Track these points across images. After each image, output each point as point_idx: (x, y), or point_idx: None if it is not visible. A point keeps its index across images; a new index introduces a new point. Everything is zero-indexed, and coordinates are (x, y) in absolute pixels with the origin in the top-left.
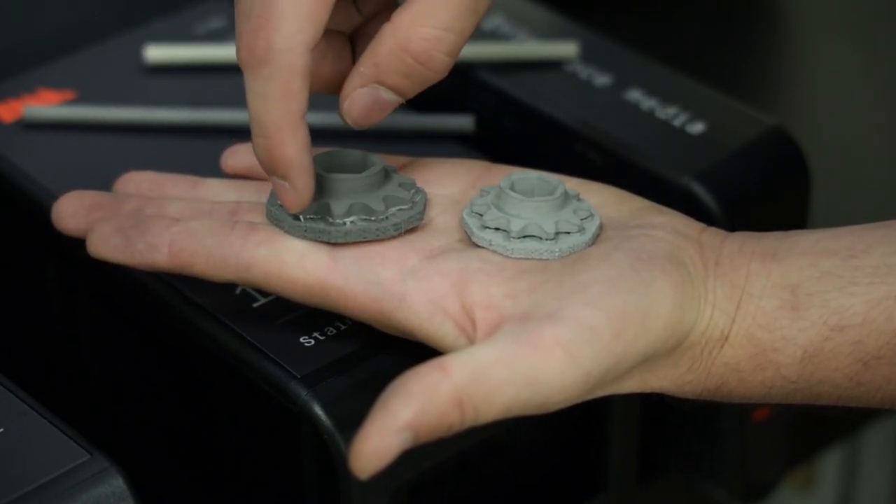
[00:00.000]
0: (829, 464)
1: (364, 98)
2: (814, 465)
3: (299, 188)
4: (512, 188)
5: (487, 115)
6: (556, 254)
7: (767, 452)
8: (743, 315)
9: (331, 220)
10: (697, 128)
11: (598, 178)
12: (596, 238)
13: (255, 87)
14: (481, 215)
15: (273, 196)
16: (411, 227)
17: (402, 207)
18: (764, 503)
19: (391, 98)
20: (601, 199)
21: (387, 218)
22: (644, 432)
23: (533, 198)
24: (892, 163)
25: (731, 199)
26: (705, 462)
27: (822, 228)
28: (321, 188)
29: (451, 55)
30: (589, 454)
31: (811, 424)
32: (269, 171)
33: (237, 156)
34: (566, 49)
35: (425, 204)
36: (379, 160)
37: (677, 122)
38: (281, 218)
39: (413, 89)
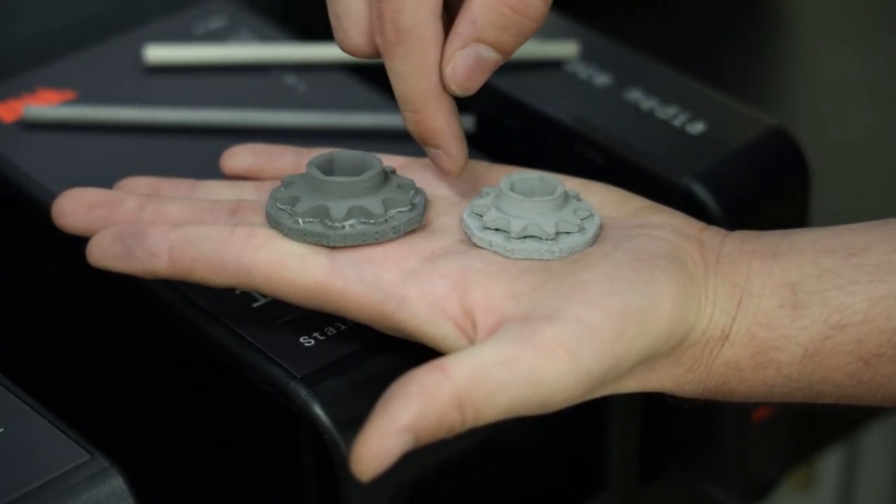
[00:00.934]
0: (829, 464)
1: (467, 59)
2: (814, 465)
3: (454, 154)
4: (512, 189)
5: (487, 115)
6: (557, 254)
7: (767, 452)
8: (744, 314)
9: (330, 223)
10: (697, 128)
11: (598, 178)
12: (596, 238)
13: (394, 67)
14: (481, 216)
15: (272, 199)
16: (411, 229)
17: (402, 210)
18: (764, 503)
19: (493, 56)
20: (602, 198)
21: (386, 221)
22: (644, 432)
23: (533, 198)
24: (892, 163)
25: (731, 199)
26: (705, 462)
27: (823, 227)
28: (320, 191)
29: (547, 2)
30: (589, 454)
31: (811, 424)
32: (422, 142)
33: (235, 157)
34: (566, 49)
35: (425, 206)
36: (378, 161)
37: (677, 122)
38: (280, 221)
39: (514, 43)
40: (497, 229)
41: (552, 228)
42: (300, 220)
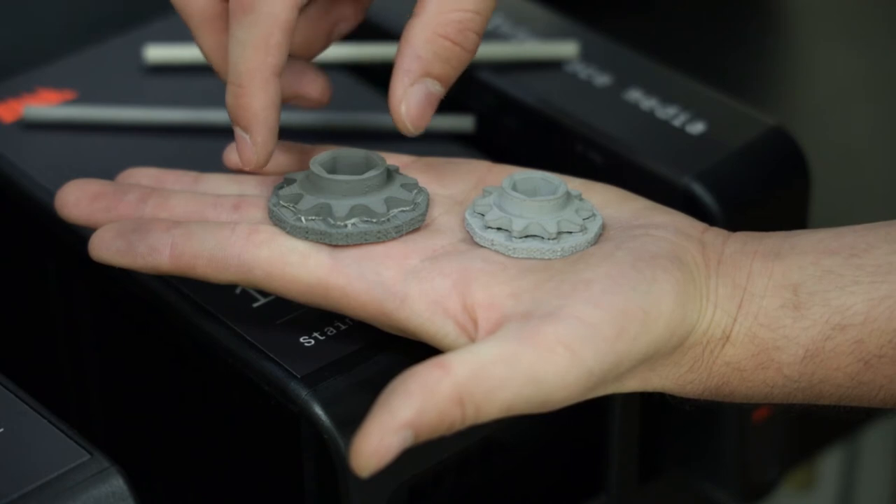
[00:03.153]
0: (829, 464)
1: (418, 95)
2: (814, 465)
3: (258, 143)
4: (514, 188)
5: (487, 115)
6: (559, 253)
7: (767, 452)
8: (745, 314)
9: (332, 221)
10: (697, 128)
11: (598, 178)
12: (598, 238)
13: (237, 34)
14: (483, 215)
15: (275, 196)
16: (413, 228)
17: (404, 209)
18: (764, 503)
19: (438, 90)
20: (604, 199)
21: (388, 220)
22: (644, 432)
23: (535, 197)
24: (892, 163)
25: (731, 199)
26: (705, 462)
27: (824, 228)
28: (323, 189)
29: (480, 34)
30: (589, 454)
31: (811, 424)
32: (234, 120)
33: None
34: (566, 49)
35: (427, 205)
36: (381, 160)
37: (677, 122)
38: (282, 218)
39: (453, 75)
40: (499, 228)
41: (554, 228)
42: (302, 218)
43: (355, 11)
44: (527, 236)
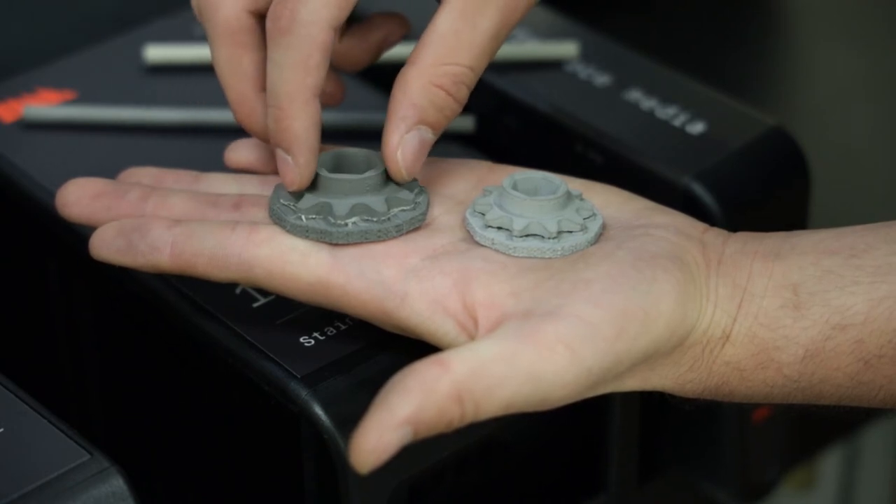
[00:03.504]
0: (829, 464)
1: (413, 142)
2: (814, 465)
3: (301, 164)
4: (514, 188)
5: (487, 115)
6: (559, 253)
7: (767, 452)
8: (745, 314)
9: (332, 220)
10: (697, 128)
11: (598, 178)
12: (598, 237)
13: (275, 56)
14: (484, 214)
15: (276, 194)
16: (413, 228)
17: (405, 208)
18: (764, 503)
19: (430, 137)
20: (604, 199)
21: (389, 219)
22: (644, 432)
23: (535, 197)
24: (892, 162)
25: (731, 199)
26: (705, 462)
27: (824, 228)
28: (323, 188)
29: (471, 89)
30: (589, 454)
31: (811, 424)
32: (276, 142)
33: (240, 150)
34: (566, 49)
35: (428, 205)
36: (382, 160)
37: (677, 122)
38: (283, 217)
39: (444, 124)
40: (499, 227)
41: (554, 227)
42: (303, 217)
43: (402, 23)
44: (527, 235)
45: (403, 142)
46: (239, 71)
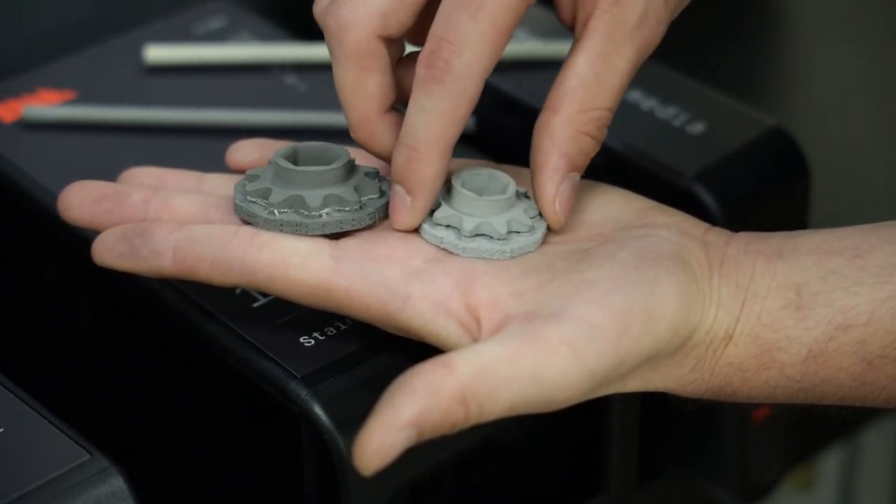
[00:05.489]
0: (829, 464)
1: (567, 191)
2: (814, 465)
3: (417, 208)
4: (463, 185)
5: (487, 115)
6: (507, 254)
7: (767, 452)
8: (747, 315)
9: (306, 212)
10: (697, 128)
11: (598, 178)
12: (545, 238)
13: (424, 102)
14: (431, 212)
15: (239, 193)
16: (384, 214)
17: (373, 196)
18: (764, 503)
19: (578, 180)
20: (607, 199)
21: (361, 207)
22: (644, 432)
23: (486, 196)
24: (892, 163)
25: (731, 199)
26: (705, 462)
27: (827, 228)
28: (291, 182)
29: (609, 126)
30: (589, 454)
31: (811, 424)
32: (400, 181)
33: (241, 151)
34: (566, 49)
35: None
36: (344, 151)
37: (677, 122)
38: (254, 213)
39: (588, 164)
40: (448, 226)
41: (504, 228)
42: (275, 211)
43: None
44: (476, 235)
45: (560, 192)
46: (364, 93)
